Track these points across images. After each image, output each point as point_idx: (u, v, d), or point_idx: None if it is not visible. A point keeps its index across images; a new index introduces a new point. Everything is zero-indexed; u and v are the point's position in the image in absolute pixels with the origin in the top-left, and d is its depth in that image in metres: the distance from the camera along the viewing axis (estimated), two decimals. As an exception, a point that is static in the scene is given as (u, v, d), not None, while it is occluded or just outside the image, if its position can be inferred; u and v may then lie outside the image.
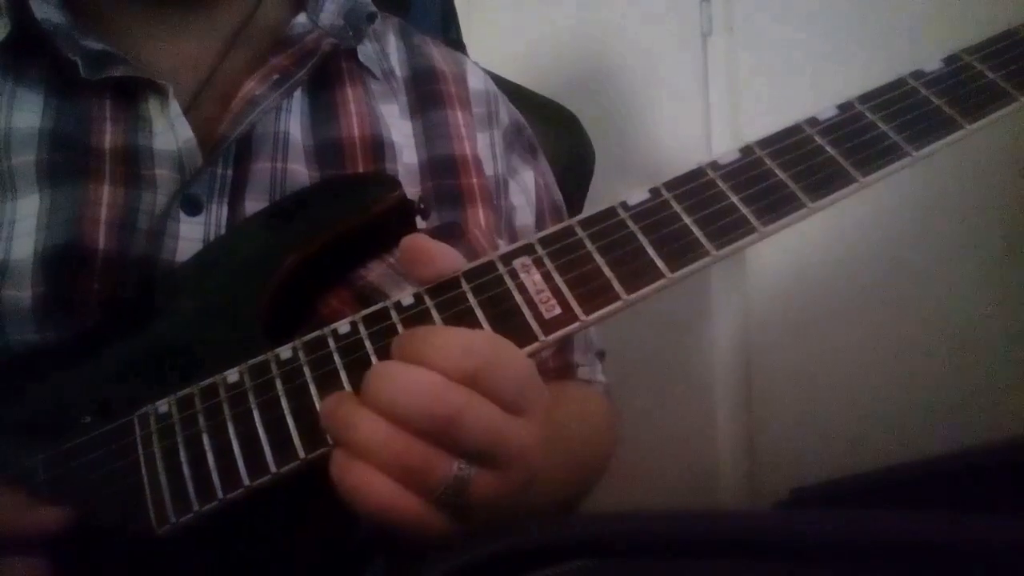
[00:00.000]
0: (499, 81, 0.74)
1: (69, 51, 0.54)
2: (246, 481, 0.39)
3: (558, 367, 0.67)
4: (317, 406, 0.40)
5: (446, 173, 0.62)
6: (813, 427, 1.16)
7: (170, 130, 0.54)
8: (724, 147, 1.24)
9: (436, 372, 0.35)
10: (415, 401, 0.35)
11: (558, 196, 0.73)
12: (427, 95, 0.65)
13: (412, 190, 0.60)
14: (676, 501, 1.19)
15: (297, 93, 0.59)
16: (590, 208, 0.41)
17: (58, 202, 0.51)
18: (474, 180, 0.63)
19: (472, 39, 0.95)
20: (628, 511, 0.30)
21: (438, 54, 0.69)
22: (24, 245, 0.50)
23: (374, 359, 0.41)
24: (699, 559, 0.28)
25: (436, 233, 0.58)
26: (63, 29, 0.55)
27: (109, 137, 0.54)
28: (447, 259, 0.42)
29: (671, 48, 1.29)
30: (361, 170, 0.59)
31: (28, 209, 0.51)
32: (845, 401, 1.15)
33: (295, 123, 0.58)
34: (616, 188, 1.08)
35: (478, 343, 0.37)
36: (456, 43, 0.92)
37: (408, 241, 0.42)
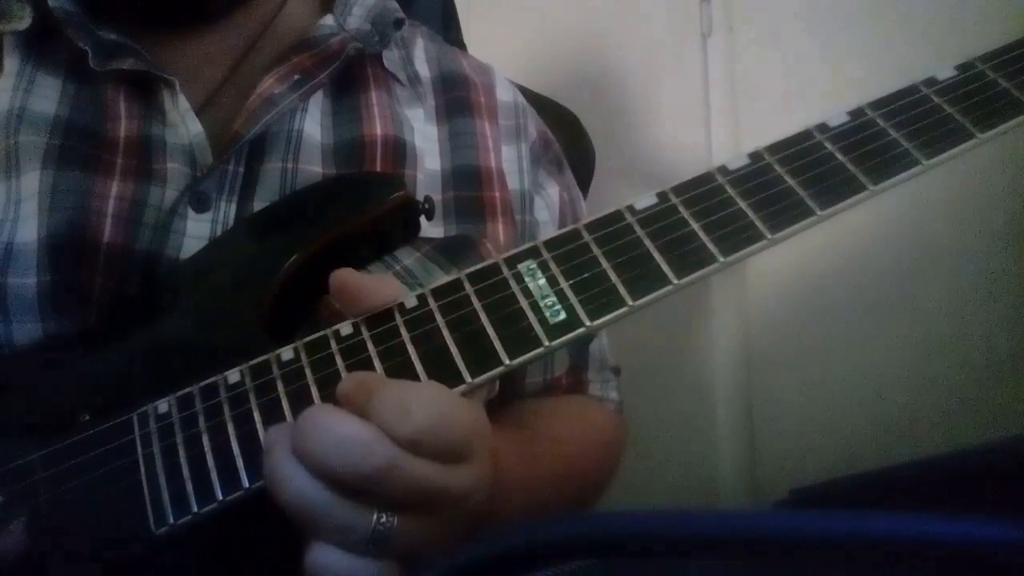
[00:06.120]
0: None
1: (80, 40, 0.54)
2: (245, 483, 0.39)
3: (571, 384, 0.67)
4: None
5: (468, 184, 0.61)
6: (813, 427, 1.16)
7: (181, 124, 0.54)
8: (724, 147, 1.25)
9: (374, 425, 0.35)
10: (342, 456, 0.35)
11: (582, 211, 0.72)
12: (455, 101, 0.65)
13: (433, 196, 0.60)
14: (676, 501, 1.19)
15: (317, 95, 0.59)
16: (591, 209, 0.41)
17: (61, 184, 0.51)
18: (496, 193, 0.62)
19: (472, 39, 0.95)
20: (628, 511, 0.30)
21: (467, 63, 0.68)
22: (28, 228, 0.50)
23: (377, 362, 0.40)
24: (699, 559, 0.28)
25: (446, 244, 0.57)
26: (76, 18, 0.55)
27: (124, 128, 0.54)
28: (378, 293, 0.42)
29: (671, 48, 1.28)
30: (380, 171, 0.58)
31: (30, 188, 0.51)
32: (845, 401, 1.15)
33: (312, 123, 0.58)
34: (617, 188, 1.08)
35: (418, 405, 0.36)
36: (456, 43, 0.92)
37: (334, 279, 0.42)
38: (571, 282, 0.41)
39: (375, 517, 0.36)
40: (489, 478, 0.39)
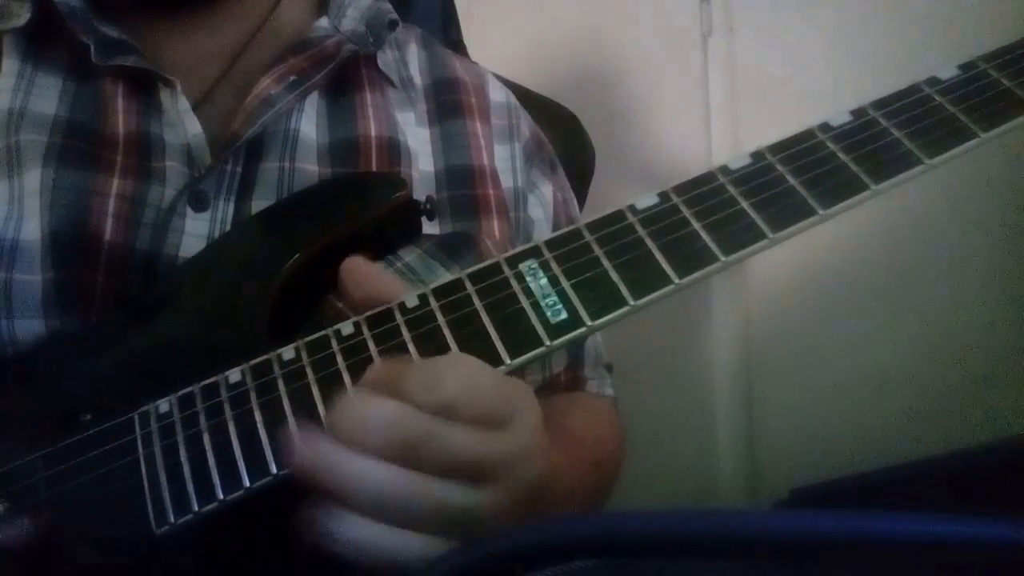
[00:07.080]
0: (500, 81, 0.74)
1: (83, 34, 0.54)
2: (246, 483, 0.39)
3: (569, 381, 0.67)
4: (319, 407, 0.40)
5: (462, 183, 0.62)
6: (813, 427, 1.16)
7: (180, 123, 0.55)
8: (724, 147, 1.25)
9: (404, 401, 0.35)
10: (381, 430, 0.34)
11: (576, 211, 0.73)
12: (446, 104, 0.65)
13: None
14: (676, 501, 1.19)
15: (313, 96, 0.59)
16: (591, 209, 0.41)
17: (63, 182, 0.51)
18: (490, 191, 0.62)
19: (472, 39, 0.95)
20: (629, 511, 0.30)
21: (459, 65, 0.69)
22: (32, 226, 0.50)
23: (377, 361, 0.40)
24: (700, 559, 0.28)
25: (446, 240, 0.58)
26: (80, 12, 0.55)
27: (123, 125, 0.54)
28: (383, 284, 0.42)
29: (671, 48, 1.28)
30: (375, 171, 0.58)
31: (32, 186, 0.51)
32: (845, 401, 1.15)
33: (308, 123, 0.58)
34: (617, 188, 1.08)
35: (446, 373, 0.36)
36: (456, 43, 0.92)
37: (346, 263, 0.43)
38: (572, 282, 0.41)
39: (436, 488, 0.35)
40: (537, 446, 0.38)
